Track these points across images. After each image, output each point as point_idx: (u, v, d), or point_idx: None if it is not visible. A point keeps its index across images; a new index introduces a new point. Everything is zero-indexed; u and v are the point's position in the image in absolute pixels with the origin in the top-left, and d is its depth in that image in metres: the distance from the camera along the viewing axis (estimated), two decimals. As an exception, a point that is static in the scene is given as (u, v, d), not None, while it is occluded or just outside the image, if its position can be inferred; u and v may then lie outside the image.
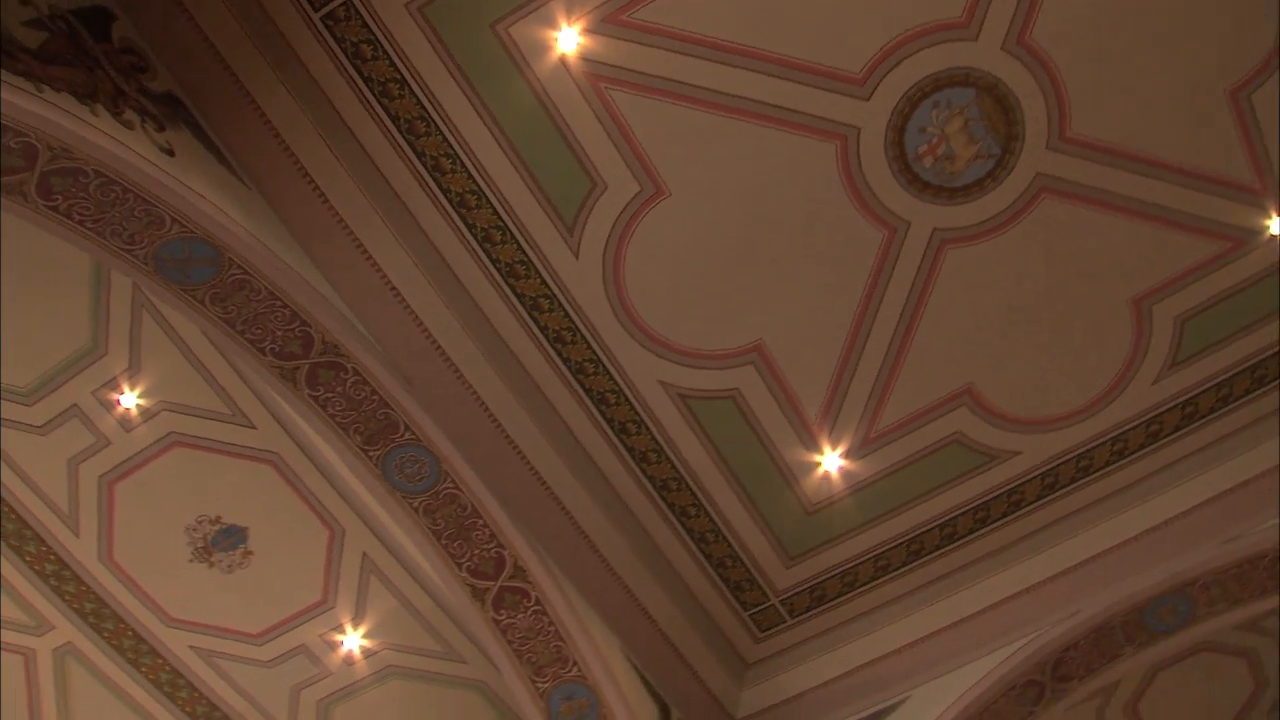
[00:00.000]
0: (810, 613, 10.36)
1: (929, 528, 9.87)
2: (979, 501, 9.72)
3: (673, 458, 9.61)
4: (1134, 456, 9.37)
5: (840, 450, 9.52)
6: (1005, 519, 9.73)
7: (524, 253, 8.71)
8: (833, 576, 10.17)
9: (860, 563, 10.07)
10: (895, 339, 9.09)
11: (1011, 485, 9.62)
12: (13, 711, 12.56)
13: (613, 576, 9.93)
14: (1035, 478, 9.56)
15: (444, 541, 9.35)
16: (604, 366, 9.22)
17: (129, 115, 7.34)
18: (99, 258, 8.12)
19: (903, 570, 10.04)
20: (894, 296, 8.88)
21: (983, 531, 9.80)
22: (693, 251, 8.75)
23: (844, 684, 10.22)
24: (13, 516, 10.89)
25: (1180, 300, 8.85)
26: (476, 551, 9.36)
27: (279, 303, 8.27)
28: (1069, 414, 9.29)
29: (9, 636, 11.86)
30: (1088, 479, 9.49)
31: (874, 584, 10.14)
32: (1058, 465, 9.50)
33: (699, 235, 8.67)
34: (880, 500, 9.81)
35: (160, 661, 11.75)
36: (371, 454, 9.01)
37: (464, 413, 9.02)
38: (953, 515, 9.81)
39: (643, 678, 10.09)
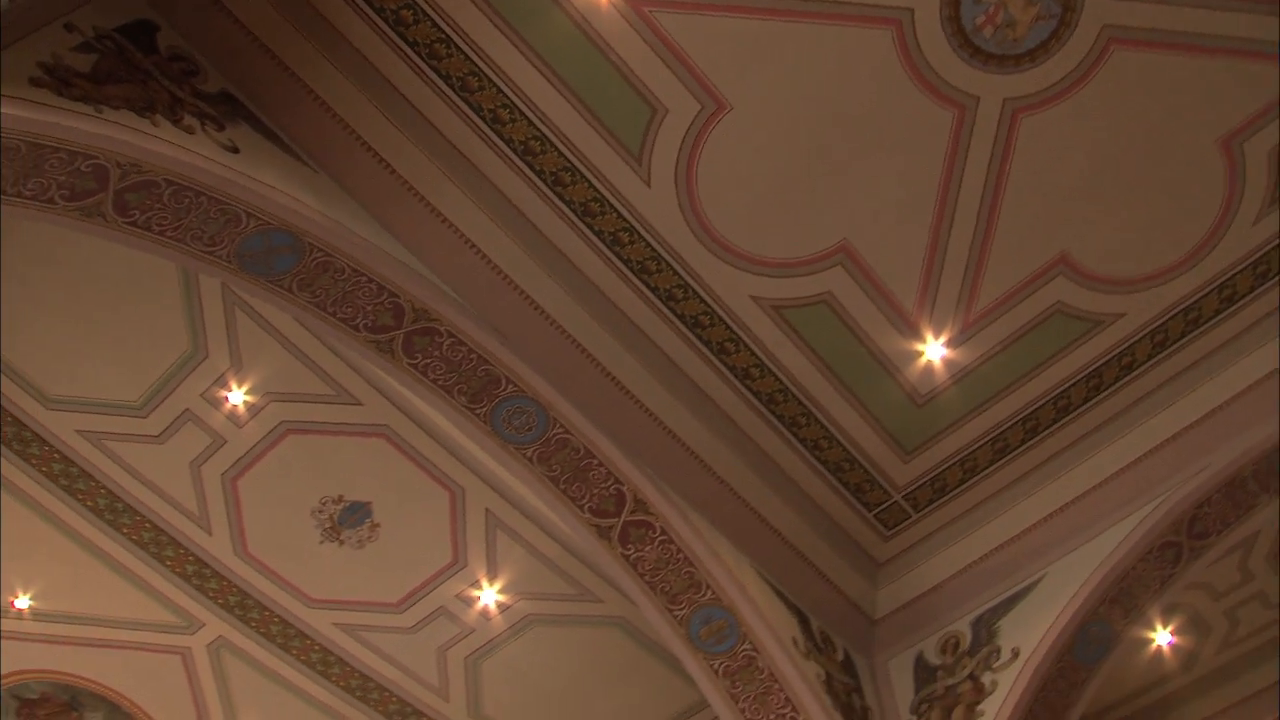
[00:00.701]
0: (934, 505, 10.30)
1: (1042, 403, 9.72)
2: (1090, 370, 9.53)
3: (775, 370, 9.56)
4: (1244, 301, 9.06)
5: (941, 338, 9.39)
6: (1119, 383, 9.52)
7: (596, 190, 8.68)
8: (951, 465, 10.09)
9: (977, 448, 9.97)
10: (981, 218, 8.89)
11: (1121, 348, 9.40)
12: (179, 708, 13.02)
13: (733, 496, 9.96)
14: (1144, 337, 9.33)
15: (562, 486, 9.44)
16: (693, 290, 9.18)
17: (188, 120, 7.41)
18: (185, 264, 8.26)
19: (1021, 449, 9.92)
20: (973, 175, 8.67)
21: (1097, 399, 9.62)
22: (763, 162, 8.63)
23: (978, 570, 10.17)
24: (149, 526, 11.22)
25: (1271, 134, 8.45)
26: (595, 491, 9.44)
27: (364, 278, 8.35)
28: (1170, 267, 9.02)
29: (164, 639, 12.28)
30: (1199, 331, 9.21)
31: (994, 467, 10.04)
32: (1166, 321, 9.24)
33: (767, 145, 8.54)
34: (989, 382, 9.67)
35: (309, 643, 12.08)
36: (478, 411, 9.11)
37: (561, 357, 9.07)
38: (1065, 387, 9.63)
39: (777, 591, 10.14)
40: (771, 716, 9.73)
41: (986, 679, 9.61)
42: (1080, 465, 9.75)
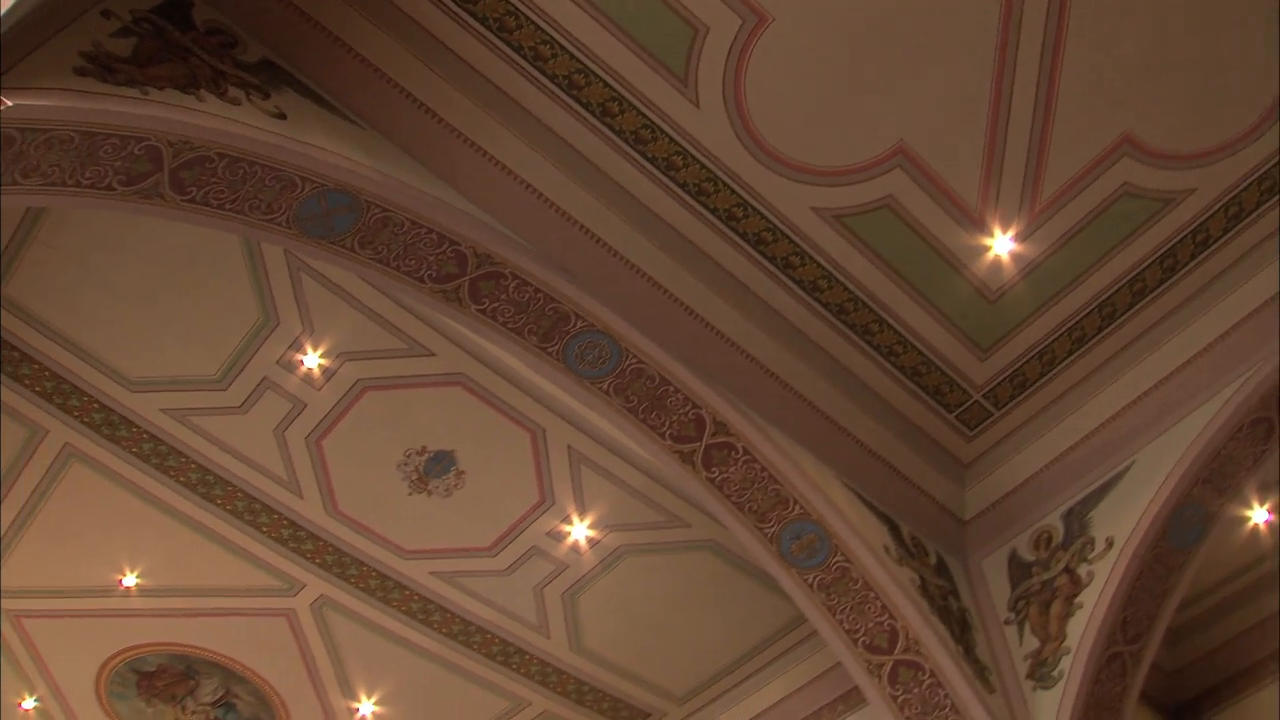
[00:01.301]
0: (1015, 401, 10.20)
1: (1117, 288, 9.52)
2: (1163, 250, 9.30)
3: (843, 280, 9.48)
4: (1320, 164, 8.82)
5: (1009, 232, 9.22)
6: (1194, 261, 9.29)
7: (645, 116, 8.60)
8: (1030, 359, 9.96)
9: (1054, 339, 9.82)
10: (1039, 103, 8.65)
11: (1194, 225, 9.15)
12: (289, 667, 13.34)
13: (812, 410, 9.94)
14: (1217, 211, 9.07)
15: (641, 415, 9.47)
16: (752, 208, 9.10)
17: (233, 92, 7.45)
18: (246, 234, 8.34)
19: (1100, 337, 9.75)
20: (1027, 60, 8.41)
21: (1173, 280, 9.40)
22: (810, 70, 8.47)
23: (1066, 462, 10.07)
24: (241, 495, 11.44)
25: (1335, -9, 8.15)
26: (674, 417, 9.46)
27: (423, 229, 8.38)
28: (1239, 137, 8.72)
29: (268, 602, 12.57)
30: (1275, 199, 8.92)
31: (1073, 357, 9.89)
32: (1239, 193, 8.96)
33: (812, 52, 8.37)
34: (1060, 272, 9.49)
35: (408, 593, 12.29)
36: (550, 350, 9.15)
37: (628, 287, 9.06)
38: (1139, 270, 9.42)
39: (865, 501, 10.14)
40: (869, 625, 9.77)
41: (1082, 571, 9.56)
42: (1161, 348, 9.57)
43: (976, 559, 10.63)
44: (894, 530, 10.17)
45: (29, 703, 14.61)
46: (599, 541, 11.55)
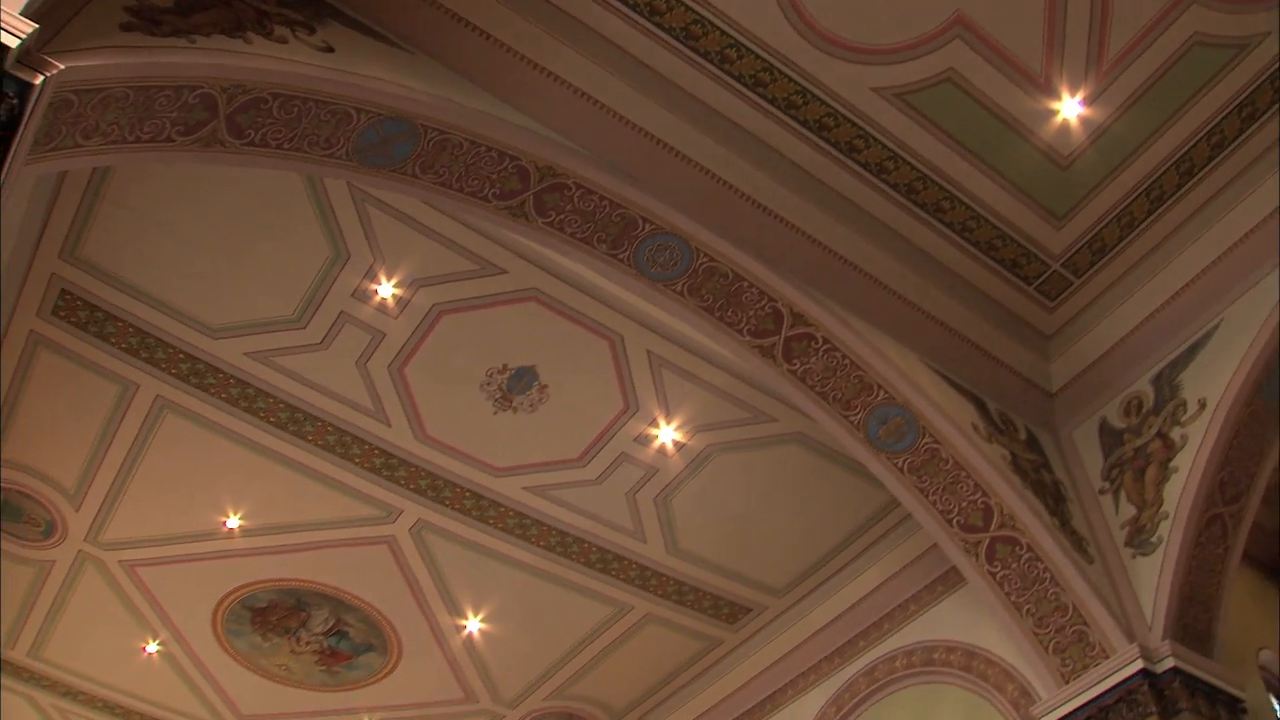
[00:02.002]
0: (1095, 267, 9.99)
1: (1194, 142, 9.22)
2: (1241, 98, 8.96)
3: (909, 159, 9.30)
4: (1402, -7, 8.40)
5: (1077, 95, 8.95)
6: (1274, 107, 8.93)
7: (695, 12, 8.45)
8: (1107, 224, 9.73)
9: (1132, 200, 9.57)
10: (1099, -45, 8.38)
11: (1272, 68, 8.77)
12: (395, 592, 13.64)
13: (890, 294, 9.84)
14: (1296, 52, 8.73)
15: (718, 314, 9.45)
16: (812, 94, 8.93)
17: (279, 31, 7.43)
18: (307, 171, 8.38)
19: (1179, 195, 9.48)
20: (1083, -89, 8.15)
21: (1253, 129, 9.06)
22: (860, -54, 8.28)
23: (1151, 326, 9.89)
24: (331, 429, 11.62)
25: None
26: (751, 313, 9.42)
27: (483, 148, 8.36)
28: (1314, -30, 8.38)
29: (368, 531, 12.83)
30: (1359, 33, 8.56)
31: (1152, 218, 9.64)
32: (1318, 29, 8.61)
33: (861, -73, 8.18)
34: (1133, 131, 9.20)
35: (503, 510, 12.46)
36: (621, 256, 9.13)
37: (693, 186, 8.98)
38: (1216, 121, 9.10)
39: (949, 380, 10.06)
40: (963, 504, 9.75)
41: (1175, 434, 9.42)
42: (1244, 200, 9.28)
43: (1067, 430, 10.53)
44: (981, 408, 10.09)
45: (152, 646, 15.13)
46: (686, 443, 11.58)
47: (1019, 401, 10.47)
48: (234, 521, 12.82)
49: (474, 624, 14.07)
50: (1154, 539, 9.33)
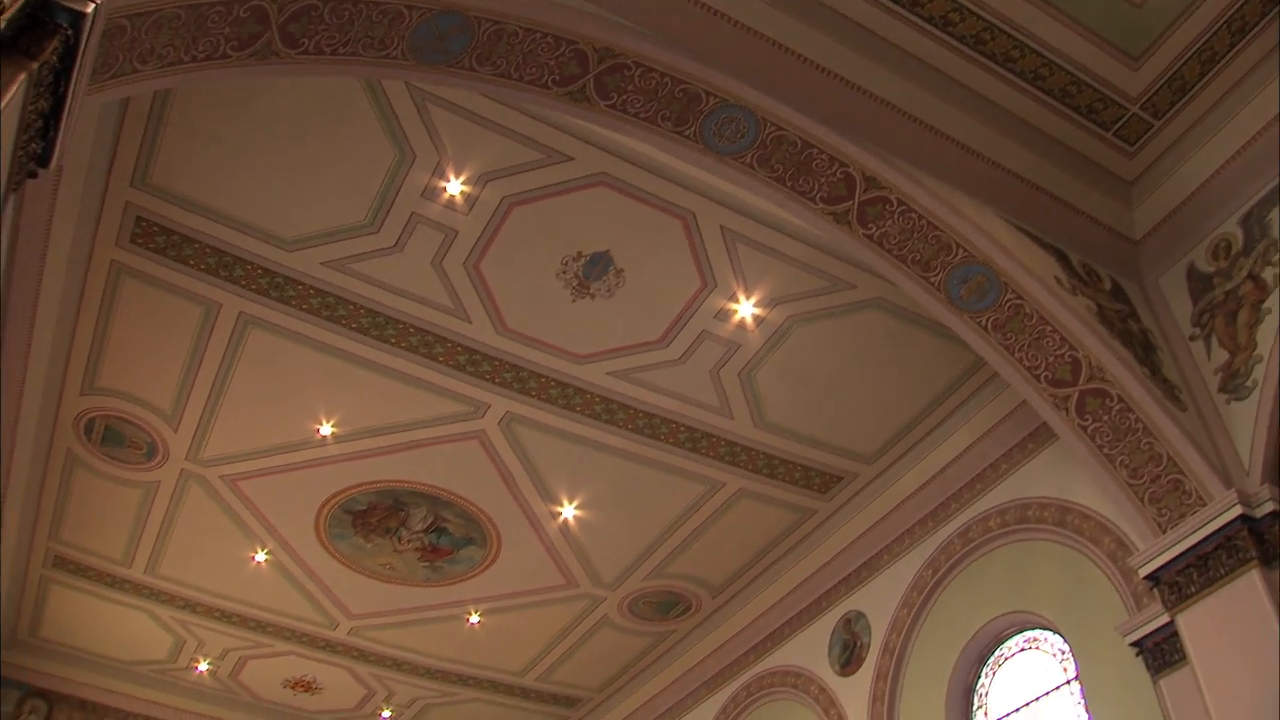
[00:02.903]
0: (1176, 107, 9.62)
1: (1278, -36, 8.79)
2: (1326, -81, 8.52)
3: (974, 9, 8.97)
4: None
5: (1148, -77, 8.59)
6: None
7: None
8: (1187, 60, 9.31)
9: (1213, 33, 9.12)
10: None
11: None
12: (489, 485, 13.86)
13: (963, 150, 9.61)
14: None
15: (789, 183, 9.32)
16: (869, -55, 8.68)
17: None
18: (365, 74, 8.32)
19: (1263, 23, 8.97)
20: None
21: (1338, -46, 8.63)
22: None
23: (1238, 164, 9.54)
24: (413, 330, 11.72)
25: None
26: (823, 180, 9.28)
27: (538, 34, 8.26)
28: None
29: (457, 428, 13.01)
30: None
31: (1235, 51, 9.19)
32: None
33: None
34: (1210, -44, 8.84)
35: (589, 397, 12.55)
36: (686, 133, 9.02)
37: (754, 54, 8.78)
38: (1298, -54, 8.68)
39: (1029, 234, 9.87)
40: (1050, 359, 9.63)
41: (1268, 275, 9.15)
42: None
43: (1153, 278, 10.29)
44: (1063, 260, 9.89)
45: (260, 555, 15.59)
46: (766, 317, 11.53)
47: (1102, 251, 10.25)
48: (327, 429, 13.06)
49: (569, 510, 14.29)
50: (1248, 383, 9.15)
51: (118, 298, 11.54)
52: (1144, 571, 9.40)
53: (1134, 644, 9.77)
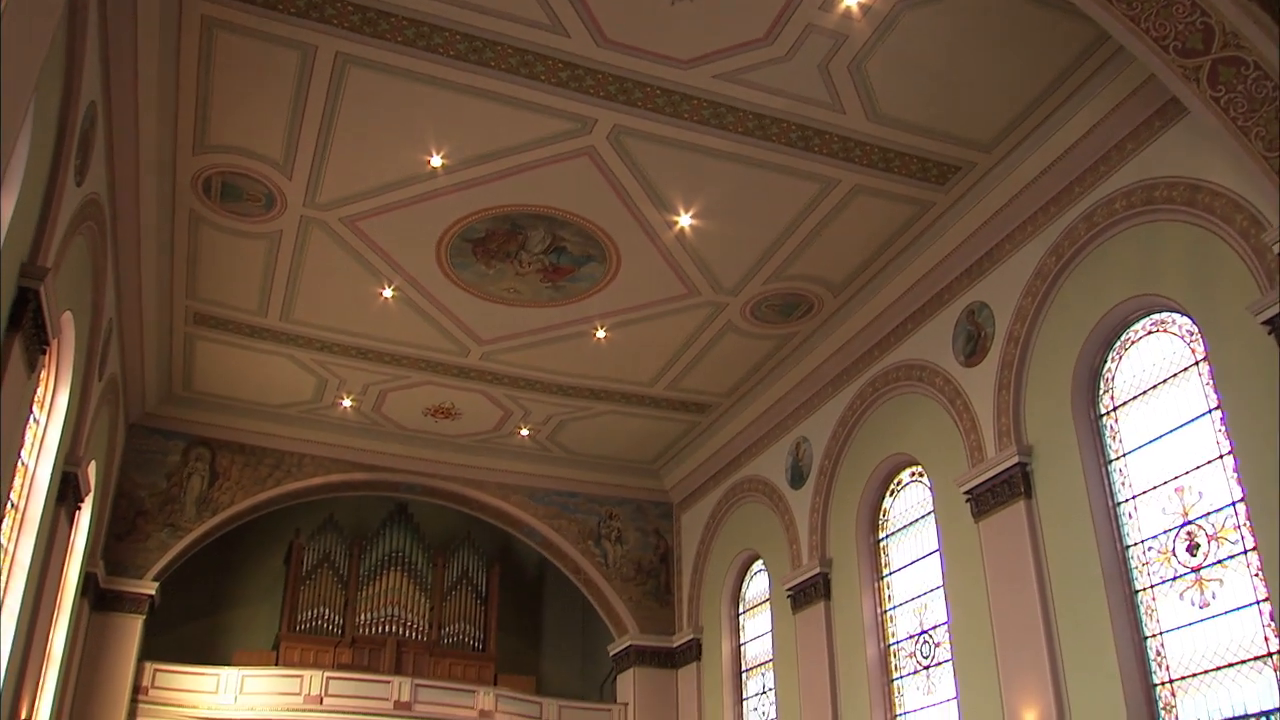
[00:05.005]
0: None
1: None
2: None
3: None
4: None
5: None
6: None
7: None
8: None
9: None
10: None
11: None
12: (604, 201, 13.84)
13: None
14: None
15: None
16: None
17: None
18: None
19: None
20: None
21: None
22: None
23: None
24: (511, 51, 11.52)
25: None
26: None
27: None
28: None
29: (566, 145, 12.94)
30: None
31: None
32: None
33: None
34: None
35: (696, 102, 12.28)
36: None
37: None
38: None
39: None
40: (1179, 28, 9.11)
41: None
42: None
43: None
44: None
45: (388, 291, 15.99)
46: (873, 4, 10.98)
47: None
48: (437, 160, 13.07)
49: (685, 219, 14.25)
50: None
51: (214, 54, 11.53)
52: (1278, 248, 9.12)
53: (1265, 322, 9.60)
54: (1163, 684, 10.94)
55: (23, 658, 12.15)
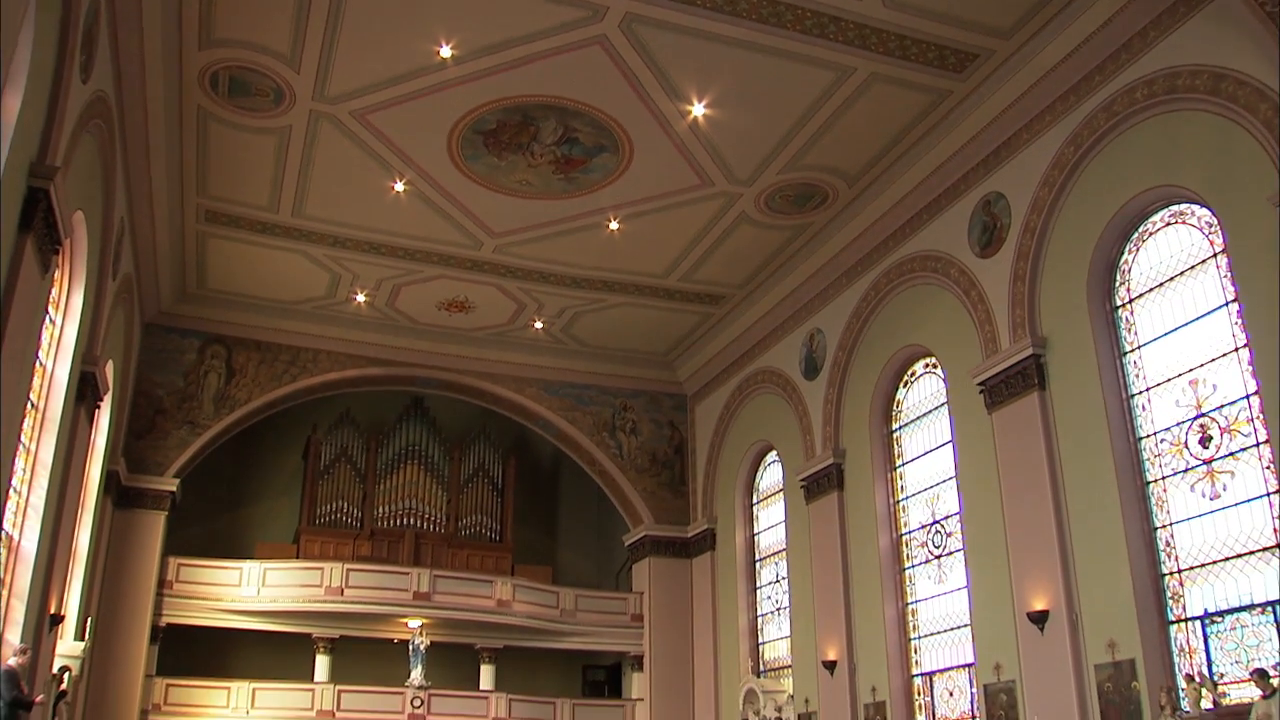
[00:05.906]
0: None
1: None
2: None
3: None
4: None
5: None
6: None
7: None
8: None
9: None
10: None
11: None
12: (616, 89, 13.64)
13: None
14: None
15: None
16: None
17: None
18: None
19: None
20: None
21: None
22: None
23: None
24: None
25: None
26: None
27: None
28: None
29: (577, 35, 12.68)
30: None
31: None
32: None
33: None
34: None
35: (712, -9, 12.06)
36: None
37: None
38: None
39: None
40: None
41: None
42: None
43: None
44: None
45: (399, 185, 15.87)
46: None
47: None
48: (446, 50, 12.88)
49: (698, 109, 14.07)
50: None
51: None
52: (1302, 137, 9.00)
53: (1286, 212, 9.50)
54: (1171, 574, 11.07)
55: (50, 555, 12.32)
